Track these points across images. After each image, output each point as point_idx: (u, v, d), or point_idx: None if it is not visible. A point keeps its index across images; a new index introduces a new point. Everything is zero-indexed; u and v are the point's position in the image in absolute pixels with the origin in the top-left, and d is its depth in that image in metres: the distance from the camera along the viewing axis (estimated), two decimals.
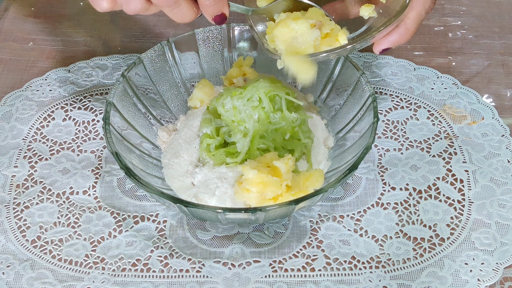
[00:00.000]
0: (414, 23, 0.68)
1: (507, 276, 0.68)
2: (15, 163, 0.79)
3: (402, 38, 0.68)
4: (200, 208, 0.65)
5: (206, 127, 0.75)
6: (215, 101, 0.74)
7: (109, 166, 0.78)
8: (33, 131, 0.82)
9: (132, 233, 0.72)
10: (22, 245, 0.72)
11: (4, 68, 0.91)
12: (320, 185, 0.71)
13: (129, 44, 0.94)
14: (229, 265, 0.70)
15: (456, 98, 0.84)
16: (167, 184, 0.75)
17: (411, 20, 0.68)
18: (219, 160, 0.74)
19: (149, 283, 0.69)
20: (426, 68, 0.88)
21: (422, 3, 0.68)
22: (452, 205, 0.74)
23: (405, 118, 0.82)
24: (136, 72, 0.78)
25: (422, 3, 0.68)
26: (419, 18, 0.68)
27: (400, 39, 0.68)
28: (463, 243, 0.71)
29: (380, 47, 0.69)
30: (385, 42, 0.68)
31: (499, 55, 0.91)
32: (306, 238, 0.72)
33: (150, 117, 0.80)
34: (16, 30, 0.96)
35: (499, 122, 0.82)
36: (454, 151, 0.79)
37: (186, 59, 0.83)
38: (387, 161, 0.78)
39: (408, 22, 0.68)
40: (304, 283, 0.68)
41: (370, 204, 0.74)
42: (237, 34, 0.83)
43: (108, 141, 0.70)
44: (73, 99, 0.86)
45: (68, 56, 0.92)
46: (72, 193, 0.76)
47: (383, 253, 0.70)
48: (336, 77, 0.80)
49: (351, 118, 0.77)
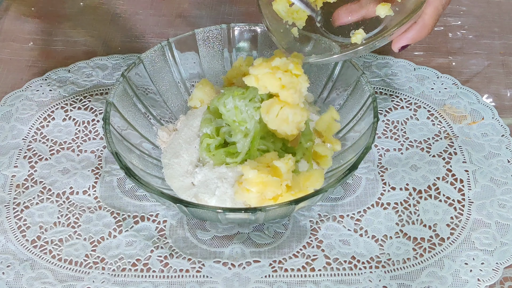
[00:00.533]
0: (431, 18, 0.67)
1: (507, 276, 0.68)
2: (15, 163, 0.79)
3: (421, 34, 0.68)
4: (200, 208, 0.65)
5: (206, 127, 0.75)
6: (217, 100, 0.74)
7: (109, 166, 0.78)
8: (33, 131, 0.82)
9: (132, 233, 0.72)
10: (22, 245, 0.72)
11: (4, 68, 0.91)
12: (320, 185, 0.71)
13: (129, 44, 0.94)
14: (229, 265, 0.70)
15: (456, 98, 0.84)
16: (167, 184, 0.75)
17: (429, 16, 0.67)
18: (219, 160, 0.74)
19: (149, 283, 0.69)
20: (426, 68, 0.88)
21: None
22: (452, 205, 0.74)
23: (405, 118, 0.82)
24: (136, 72, 0.78)
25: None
26: (437, 13, 0.68)
27: (419, 35, 0.68)
28: (463, 243, 0.71)
29: (399, 44, 0.69)
30: (403, 39, 0.68)
31: (499, 55, 0.91)
32: (306, 238, 0.72)
33: (150, 117, 0.80)
34: (16, 30, 0.96)
35: (499, 122, 0.82)
36: (454, 151, 0.79)
37: (186, 59, 0.83)
38: (387, 161, 0.78)
39: (426, 18, 0.67)
40: (304, 283, 0.68)
41: (370, 204, 0.74)
42: (237, 34, 0.83)
43: (108, 141, 0.70)
44: (73, 99, 0.86)
45: (68, 56, 0.92)
46: (72, 193, 0.76)
47: (383, 253, 0.70)
48: (336, 77, 0.80)
49: (351, 118, 0.77)
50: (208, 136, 0.75)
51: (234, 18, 0.96)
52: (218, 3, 0.99)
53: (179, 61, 0.82)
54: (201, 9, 0.99)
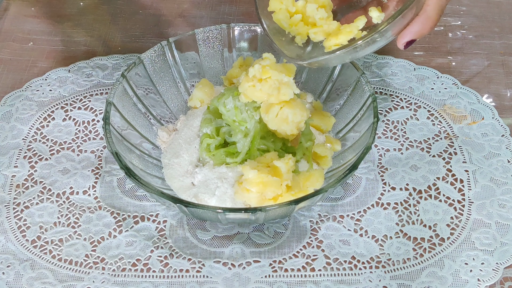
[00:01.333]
0: (434, 10, 0.64)
1: (507, 276, 0.68)
2: (15, 163, 0.79)
3: (425, 27, 0.64)
4: (200, 208, 0.65)
5: (206, 127, 0.75)
6: (217, 100, 0.74)
7: (109, 166, 0.78)
8: (33, 131, 0.82)
9: (132, 233, 0.72)
10: (22, 245, 0.72)
11: (4, 68, 0.91)
12: (320, 185, 0.71)
13: (129, 44, 0.94)
14: (229, 265, 0.70)
15: (456, 98, 0.84)
16: (167, 184, 0.75)
17: (431, 7, 0.64)
18: (219, 160, 0.74)
19: (149, 283, 0.69)
20: (426, 68, 0.88)
21: None
22: (452, 205, 0.74)
23: (405, 118, 0.82)
24: (136, 72, 0.78)
25: None
26: (440, 4, 0.64)
27: (423, 29, 0.64)
28: (463, 243, 0.71)
29: (403, 39, 0.65)
30: (407, 33, 0.65)
31: (499, 55, 0.91)
32: (306, 238, 0.72)
33: (150, 117, 0.80)
34: (16, 30, 0.96)
35: (499, 122, 0.82)
36: (454, 151, 0.79)
37: (186, 59, 0.83)
38: (387, 161, 0.78)
39: (429, 10, 0.64)
40: (304, 283, 0.68)
41: (370, 204, 0.74)
42: (237, 34, 0.83)
43: (108, 141, 0.70)
44: (73, 99, 0.86)
45: (68, 56, 0.92)
46: (72, 193, 0.76)
47: (383, 253, 0.70)
48: (336, 77, 0.80)
49: (351, 118, 0.77)
50: (208, 136, 0.75)
51: (234, 18, 0.96)
52: (218, 3, 0.99)
53: (179, 61, 0.82)
54: (201, 9, 0.99)
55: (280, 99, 0.70)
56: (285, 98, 0.70)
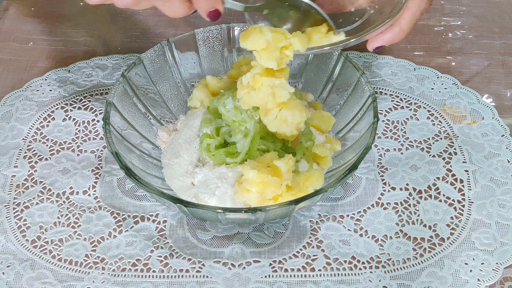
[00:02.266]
0: (408, 23, 0.69)
1: (507, 276, 0.68)
2: (15, 163, 0.79)
3: (396, 37, 0.70)
4: (200, 208, 0.65)
5: (206, 127, 0.75)
6: (216, 101, 0.74)
7: (109, 166, 0.78)
8: (33, 131, 0.82)
9: (132, 233, 0.72)
10: (22, 245, 0.72)
11: (4, 68, 0.91)
12: (320, 185, 0.71)
13: (129, 44, 0.94)
14: (229, 265, 0.70)
15: (456, 98, 0.84)
16: (167, 184, 0.75)
17: (406, 21, 0.69)
18: (219, 160, 0.74)
19: (149, 283, 0.69)
20: (426, 68, 0.88)
21: (417, 4, 0.69)
22: (452, 205, 0.74)
23: (405, 118, 0.82)
24: (136, 72, 0.78)
25: (417, 4, 0.69)
26: (414, 18, 0.69)
27: (394, 38, 0.70)
28: (463, 243, 0.71)
29: (374, 44, 0.70)
30: (379, 40, 0.70)
31: (499, 55, 0.91)
32: (306, 238, 0.72)
33: (150, 117, 0.80)
34: (16, 30, 0.96)
35: (499, 122, 0.82)
36: (454, 151, 0.79)
37: (186, 59, 0.83)
38: (387, 161, 0.78)
39: (403, 23, 0.69)
40: (304, 283, 0.68)
41: (370, 204, 0.74)
42: (237, 34, 0.83)
43: (108, 141, 0.70)
44: (73, 99, 0.86)
45: (68, 56, 0.92)
46: (72, 193, 0.76)
47: (383, 253, 0.70)
48: (336, 77, 0.80)
49: (351, 118, 0.77)
50: (208, 136, 0.75)
51: (234, 18, 0.96)
52: None
53: (179, 61, 0.82)
54: None
55: (277, 101, 0.70)
56: (282, 100, 0.70)
